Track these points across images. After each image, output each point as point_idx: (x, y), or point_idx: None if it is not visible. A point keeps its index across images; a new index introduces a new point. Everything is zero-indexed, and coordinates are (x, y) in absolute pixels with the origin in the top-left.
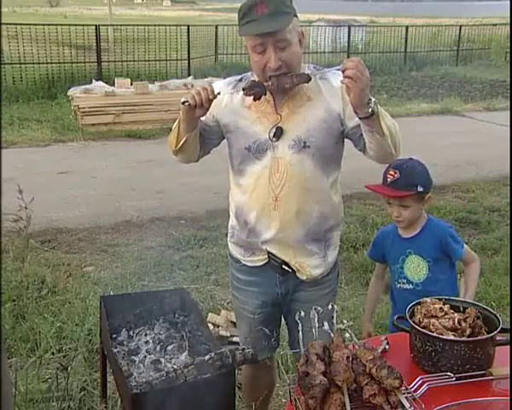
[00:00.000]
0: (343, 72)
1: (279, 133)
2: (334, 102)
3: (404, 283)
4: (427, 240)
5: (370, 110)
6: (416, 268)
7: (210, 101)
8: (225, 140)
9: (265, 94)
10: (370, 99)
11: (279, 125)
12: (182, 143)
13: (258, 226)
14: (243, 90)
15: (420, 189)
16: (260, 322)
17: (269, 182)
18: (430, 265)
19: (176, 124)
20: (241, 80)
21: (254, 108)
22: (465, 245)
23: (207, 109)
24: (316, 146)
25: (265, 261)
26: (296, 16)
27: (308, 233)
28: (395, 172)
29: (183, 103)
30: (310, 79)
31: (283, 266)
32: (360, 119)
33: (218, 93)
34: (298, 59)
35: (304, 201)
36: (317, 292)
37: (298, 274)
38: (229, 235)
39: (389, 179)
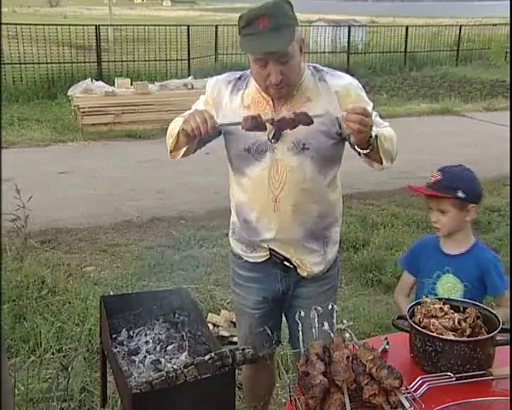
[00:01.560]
0: (346, 119)
1: (278, 135)
2: (332, 106)
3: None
4: (469, 263)
5: (370, 147)
6: (450, 289)
7: (209, 133)
8: (223, 140)
9: (266, 130)
10: (371, 136)
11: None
12: (181, 153)
13: (259, 227)
14: (242, 128)
15: (460, 194)
16: (261, 318)
17: (268, 183)
18: (467, 290)
19: (173, 131)
20: (240, 78)
21: (253, 109)
22: (507, 291)
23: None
24: (315, 148)
25: (267, 257)
26: (298, 25)
27: (306, 233)
28: (437, 174)
29: (183, 130)
30: (312, 121)
31: (285, 263)
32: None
33: (220, 125)
34: (298, 70)
35: (303, 201)
36: (318, 288)
37: (299, 270)
38: (230, 231)
39: (430, 180)
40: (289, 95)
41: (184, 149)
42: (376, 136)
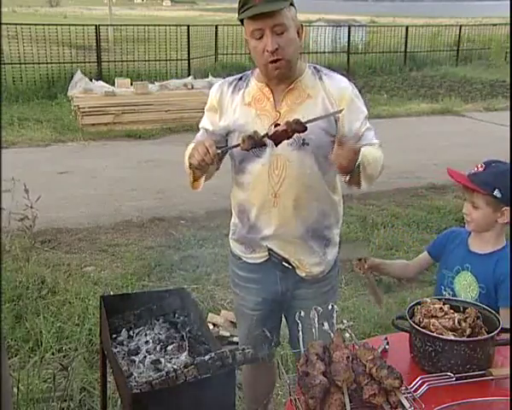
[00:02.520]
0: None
1: None
2: (330, 106)
3: (449, 294)
4: (488, 266)
5: (350, 174)
6: (466, 287)
7: (214, 160)
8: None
9: (266, 145)
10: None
11: (278, 122)
12: (202, 182)
13: (259, 223)
14: (242, 149)
15: (497, 193)
16: (260, 319)
17: (268, 179)
18: (483, 292)
19: (187, 164)
20: (241, 79)
21: (254, 106)
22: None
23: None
24: (315, 144)
25: (266, 258)
26: (293, 6)
27: (308, 230)
28: (481, 166)
29: (190, 165)
30: (306, 128)
31: (283, 263)
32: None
33: (223, 152)
34: (295, 47)
35: (303, 197)
36: (318, 290)
37: (298, 271)
38: (230, 232)
39: (473, 171)
40: (288, 78)
41: (203, 177)
42: (359, 164)
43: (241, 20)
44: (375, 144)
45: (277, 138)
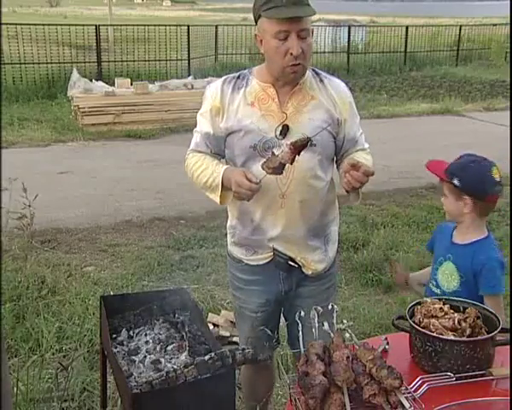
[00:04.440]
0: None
1: (285, 131)
2: (333, 108)
3: (433, 285)
4: (467, 256)
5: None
6: (448, 276)
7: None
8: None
9: (284, 168)
10: None
11: (285, 123)
12: (229, 195)
13: (264, 224)
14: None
15: (456, 182)
16: (262, 321)
17: (276, 180)
18: (463, 280)
19: (207, 184)
20: (239, 77)
21: (258, 106)
22: (501, 297)
23: None
24: (321, 145)
25: (269, 259)
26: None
27: (310, 229)
28: (458, 157)
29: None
30: (309, 139)
31: (289, 263)
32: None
33: (259, 180)
34: (311, 52)
35: (308, 198)
36: (319, 287)
37: (303, 269)
38: (229, 235)
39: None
40: (293, 89)
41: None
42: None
43: (258, 16)
44: (366, 149)
45: (293, 160)
